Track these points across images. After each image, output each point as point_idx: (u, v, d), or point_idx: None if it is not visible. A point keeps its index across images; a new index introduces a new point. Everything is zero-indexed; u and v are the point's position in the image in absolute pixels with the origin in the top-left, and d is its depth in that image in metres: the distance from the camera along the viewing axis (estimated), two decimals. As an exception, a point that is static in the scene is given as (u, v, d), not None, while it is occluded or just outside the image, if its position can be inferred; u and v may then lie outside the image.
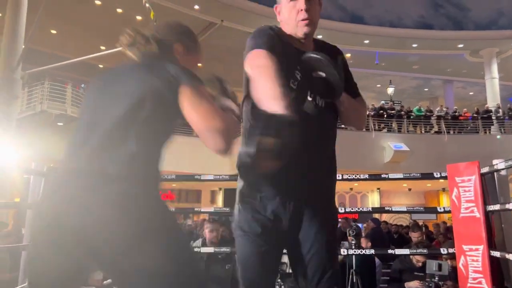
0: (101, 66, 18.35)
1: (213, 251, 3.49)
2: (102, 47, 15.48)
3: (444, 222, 10.15)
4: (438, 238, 6.95)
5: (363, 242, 4.81)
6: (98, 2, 14.23)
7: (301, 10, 1.61)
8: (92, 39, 15.85)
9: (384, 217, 13.63)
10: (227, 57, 18.24)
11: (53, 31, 15.63)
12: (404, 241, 7.07)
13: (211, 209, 3.97)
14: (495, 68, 17.59)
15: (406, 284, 3.73)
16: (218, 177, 3.51)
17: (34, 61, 13.53)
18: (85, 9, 14.34)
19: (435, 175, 3.41)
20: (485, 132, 15.87)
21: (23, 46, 10.81)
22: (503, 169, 2.98)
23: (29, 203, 3.34)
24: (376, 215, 11.64)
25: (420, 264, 3.64)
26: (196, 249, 3.93)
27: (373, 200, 19.27)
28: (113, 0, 14.12)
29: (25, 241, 3.36)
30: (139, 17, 14.95)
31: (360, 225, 12.44)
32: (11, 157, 8.30)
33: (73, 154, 1.35)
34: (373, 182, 17.38)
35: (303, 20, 1.62)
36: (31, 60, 13.36)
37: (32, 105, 11.98)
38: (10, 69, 10.51)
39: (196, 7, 14.60)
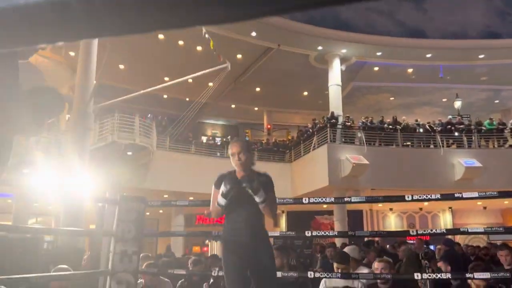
0: (165, 96, 19.23)
1: (280, 276, 3.46)
2: (166, 78, 16.23)
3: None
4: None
5: (442, 266, 4.55)
6: (161, 37, 15.03)
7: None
8: (156, 71, 16.71)
9: (458, 238, 12.84)
10: (284, 80, 18.42)
11: (121, 66, 16.67)
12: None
13: (277, 233, 3.95)
14: None
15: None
16: (282, 200, 3.50)
17: (105, 95, 14.46)
18: (149, 44, 15.19)
19: (514, 192, 3.18)
20: None
21: (95, 82, 11.58)
22: None
23: (105, 230, 3.52)
24: (450, 237, 11.01)
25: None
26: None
27: (445, 220, 18.24)
28: (175, 33, 14.84)
29: (102, 266, 3.53)
30: (199, 48, 15.58)
31: (432, 247, 11.82)
32: (86, 187, 8.82)
33: None
34: (445, 201, 16.51)
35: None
36: (101, 94, 14.29)
37: (103, 136, 12.74)
38: (83, 103, 11.28)
39: (253, 33, 14.96)
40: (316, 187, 13.69)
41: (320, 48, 15.93)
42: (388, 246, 8.84)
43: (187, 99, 17.40)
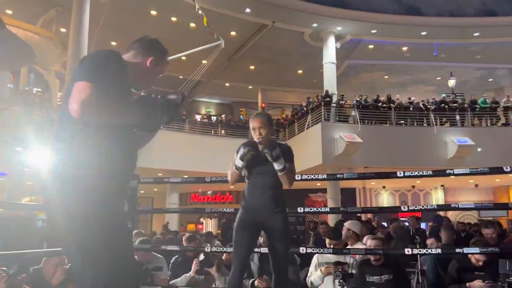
0: (158, 74, 19.03)
1: (267, 251, 3.50)
2: (159, 56, 16.03)
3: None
4: (510, 235, 6.52)
5: (433, 242, 4.60)
6: (153, 13, 14.78)
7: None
8: (149, 48, 16.47)
9: (449, 215, 13.02)
10: (278, 58, 18.28)
11: (113, 43, 16.42)
12: (466, 240, 6.69)
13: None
14: None
15: (468, 285, 3.54)
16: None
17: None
18: (141, 20, 14.95)
19: (504, 169, 3.21)
20: (559, 123, 14.71)
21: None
22: None
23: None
24: (441, 214, 11.16)
25: (480, 263, 3.43)
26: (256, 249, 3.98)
27: (437, 198, 18.48)
28: (168, 9, 14.61)
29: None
30: (193, 25, 15.36)
31: (424, 224, 12.00)
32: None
33: None
34: (437, 179, 16.68)
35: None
36: (94, 72, 14.11)
37: (97, 114, 12.62)
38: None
39: (247, 10, 14.75)
40: (310, 165, 13.74)
41: (315, 25, 15.76)
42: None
43: (181, 76, 17.24)
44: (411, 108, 15.25)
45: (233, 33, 16.10)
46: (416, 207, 3.43)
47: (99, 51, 1.81)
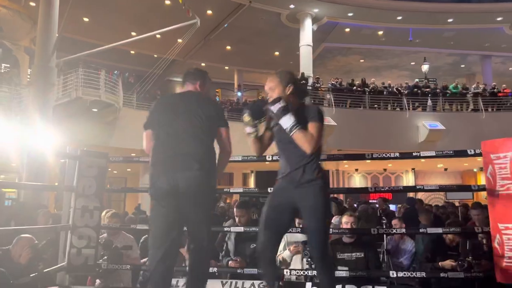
0: (132, 52, 18.65)
1: (242, 230, 3.54)
2: (133, 33, 15.69)
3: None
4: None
5: (397, 224, 4.73)
6: (127, -11, 14.39)
7: None
8: (123, 25, 16.08)
9: (420, 197, 13.37)
10: (255, 39, 18.13)
11: (86, 19, 15.95)
12: (439, 222, 6.93)
13: (241, 190, 4.01)
14: (537, 41, 16.73)
15: (440, 264, 3.67)
16: (246, 158, 3.52)
17: (68, 49, 13.87)
18: (115, -4, 14.53)
19: (468, 152, 3.30)
20: (526, 109, 15.20)
21: (57, 35, 11.07)
22: (541, 144, 2.85)
23: (65, 186, 3.46)
24: (412, 196, 11.45)
25: (454, 244, 3.56)
26: (226, 229, 4.00)
27: (408, 181, 18.91)
28: (142, -15, 14.23)
29: (63, 221, 3.49)
30: (168, 2, 15.02)
31: (394, 206, 12.30)
32: (48, 143, 8.60)
33: None
34: (408, 162, 17.05)
35: None
36: (65, 48, 13.70)
37: (67, 92, 12.33)
38: (45, 57, 10.81)
39: (224, -11, 14.52)
40: (284, 147, 13.81)
41: (292, 6, 15.66)
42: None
43: (155, 55, 16.94)
44: (385, 92, 15.46)
45: (209, 12, 15.84)
46: (383, 188, 3.52)
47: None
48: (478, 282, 3.21)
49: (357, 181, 19.63)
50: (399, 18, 16.51)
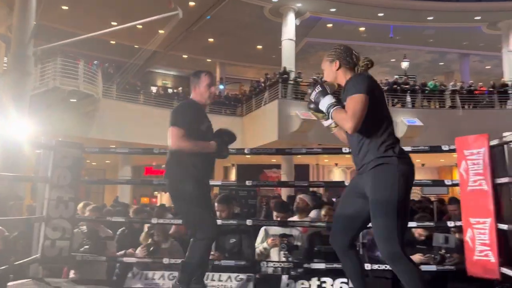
0: (112, 42, 18.35)
1: (221, 223, 3.54)
2: (114, 23, 15.44)
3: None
4: (449, 213, 6.92)
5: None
6: (108, -23, 14.13)
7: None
8: (103, 15, 15.80)
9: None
10: (238, 32, 18.05)
11: (65, 7, 15.61)
12: (412, 216, 7.05)
13: (219, 182, 4.01)
14: (513, 40, 17.08)
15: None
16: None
17: (47, 37, 13.57)
18: (95, -15, 14.26)
19: (443, 148, 3.37)
20: (501, 107, 15.56)
21: (34, 22, 10.82)
22: (512, 141, 2.93)
23: (40, 176, 3.40)
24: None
25: (422, 237, 3.62)
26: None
27: (386, 176, 19.18)
28: (123, -26, 13.99)
29: (37, 213, 3.44)
30: (149, -8, 14.82)
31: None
32: (24, 133, 8.43)
33: None
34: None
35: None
36: (43, 37, 13.41)
37: (45, 82, 12.08)
38: (22, 45, 10.57)
39: (207, -20, 14.39)
40: (265, 141, 13.87)
41: (275, 0, 15.64)
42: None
43: (136, 46, 16.70)
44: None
45: (192, 3, 15.69)
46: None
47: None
48: (450, 275, 3.29)
49: (337, 175, 19.84)
50: (381, 14, 16.65)
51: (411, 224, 3.34)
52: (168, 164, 2.77)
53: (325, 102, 2.17)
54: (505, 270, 2.93)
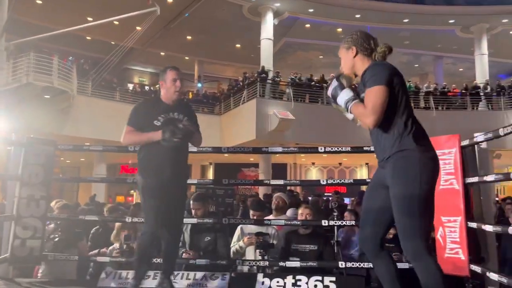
0: (88, 38, 18.02)
1: (196, 222, 3.52)
2: (89, 19, 15.16)
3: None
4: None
5: (347, 216, 4.84)
6: (84, -29, 13.86)
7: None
8: (79, 10, 15.49)
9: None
10: (216, 30, 17.99)
11: (38, 1, 15.24)
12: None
13: (195, 181, 3.99)
14: (484, 44, 17.54)
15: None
16: (202, 149, 3.48)
17: (20, 32, 13.24)
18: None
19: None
20: (473, 108, 15.97)
21: (7, 16, 10.53)
22: (482, 141, 3.00)
23: (10, 174, 3.31)
24: (364, 190, 11.79)
25: (390, 236, 3.67)
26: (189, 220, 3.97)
27: (362, 175, 19.48)
28: (100, -31, 13.76)
29: (7, 211, 3.34)
30: (127, -12, 14.60)
31: (348, 199, 12.63)
32: (-5, 130, 8.22)
33: None
34: (362, 156, 17.54)
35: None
36: (16, 31, 13.06)
37: (17, 77, 11.77)
38: (-7, 39, 10.27)
39: (185, -23, 14.28)
40: (243, 140, 13.86)
41: (254, -1, 15.66)
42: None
43: (113, 42, 16.44)
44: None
45: (170, 0, 15.55)
46: (334, 181, 3.60)
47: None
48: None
49: (314, 175, 20.01)
50: (358, 16, 16.86)
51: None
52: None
53: (343, 97, 2.05)
54: (474, 267, 3.00)
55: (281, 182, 3.64)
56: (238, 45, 19.75)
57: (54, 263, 3.47)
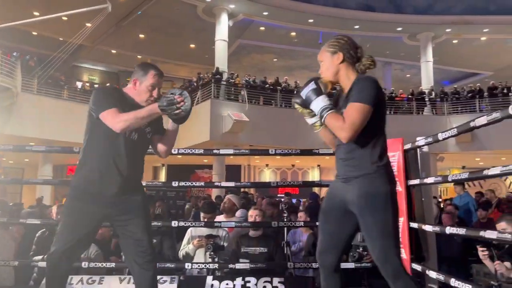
0: (34, 33, 17.24)
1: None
2: (36, 13, 14.51)
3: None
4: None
5: (302, 216, 4.93)
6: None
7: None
8: (24, 3, 14.76)
9: (324, 192, 14.11)
10: (170, 30, 17.76)
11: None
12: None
13: (144, 183, 3.90)
14: (430, 52, 18.40)
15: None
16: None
17: (-43, 24, 12.46)
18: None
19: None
20: (418, 113, 16.70)
21: None
22: (423, 145, 3.15)
23: None
24: (317, 191, 12.02)
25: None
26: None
27: (313, 176, 19.84)
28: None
29: None
30: (75, -18, 14.10)
31: (301, 200, 12.84)
32: None
33: None
34: (314, 159, 17.90)
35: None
36: (-47, 23, 12.29)
37: (-45, 72, 11.10)
38: None
39: (138, -25, 13.99)
40: (197, 141, 13.76)
41: (208, 0, 15.57)
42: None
43: (61, 38, 15.81)
44: (295, 92, 16.03)
45: (122, -3, 15.18)
46: (284, 182, 3.65)
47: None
48: (366, 271, 3.47)
49: (268, 176, 20.18)
50: (311, 21, 17.19)
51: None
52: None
53: (319, 103, 1.93)
54: (415, 266, 3.15)
55: (232, 184, 3.65)
56: (192, 45, 19.58)
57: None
